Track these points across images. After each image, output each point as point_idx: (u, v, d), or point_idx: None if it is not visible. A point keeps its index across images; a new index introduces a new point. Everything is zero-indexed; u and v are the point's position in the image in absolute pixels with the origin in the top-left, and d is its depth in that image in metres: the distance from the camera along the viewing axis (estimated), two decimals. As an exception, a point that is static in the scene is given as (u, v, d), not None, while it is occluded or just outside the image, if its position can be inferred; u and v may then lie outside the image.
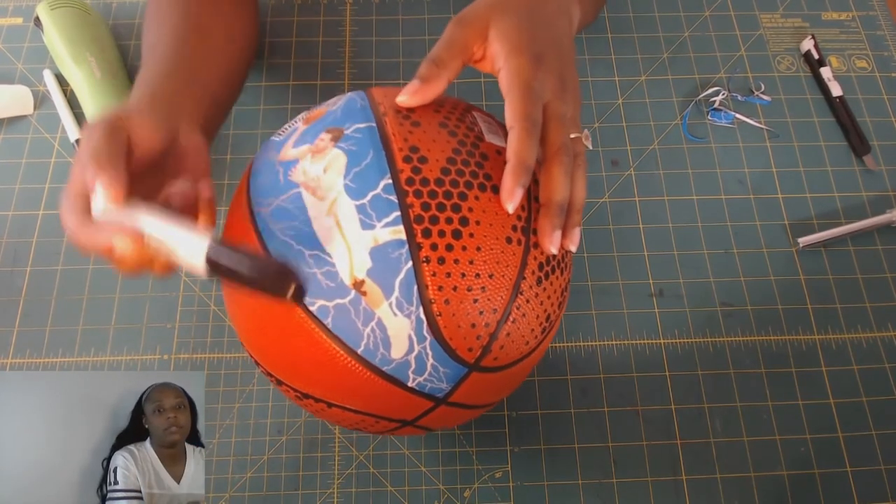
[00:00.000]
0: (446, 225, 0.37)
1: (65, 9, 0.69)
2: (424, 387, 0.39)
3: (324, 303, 0.37)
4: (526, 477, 0.57)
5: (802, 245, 0.65)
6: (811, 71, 0.74)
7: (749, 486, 0.57)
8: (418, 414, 0.42)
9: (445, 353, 0.38)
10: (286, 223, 0.38)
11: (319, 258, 0.37)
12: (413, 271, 0.37)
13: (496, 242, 0.38)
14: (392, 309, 0.37)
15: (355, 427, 0.44)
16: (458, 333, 0.38)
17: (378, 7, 0.77)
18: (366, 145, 0.39)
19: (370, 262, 0.37)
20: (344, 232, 0.37)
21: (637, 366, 0.61)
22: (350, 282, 0.37)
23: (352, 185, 0.38)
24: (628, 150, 0.70)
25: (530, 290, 0.40)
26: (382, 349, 0.37)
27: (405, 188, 0.38)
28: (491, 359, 0.40)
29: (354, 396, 0.40)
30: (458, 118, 0.42)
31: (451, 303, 0.37)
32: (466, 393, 0.41)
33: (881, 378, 0.61)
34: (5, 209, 0.66)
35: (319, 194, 0.38)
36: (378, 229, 0.37)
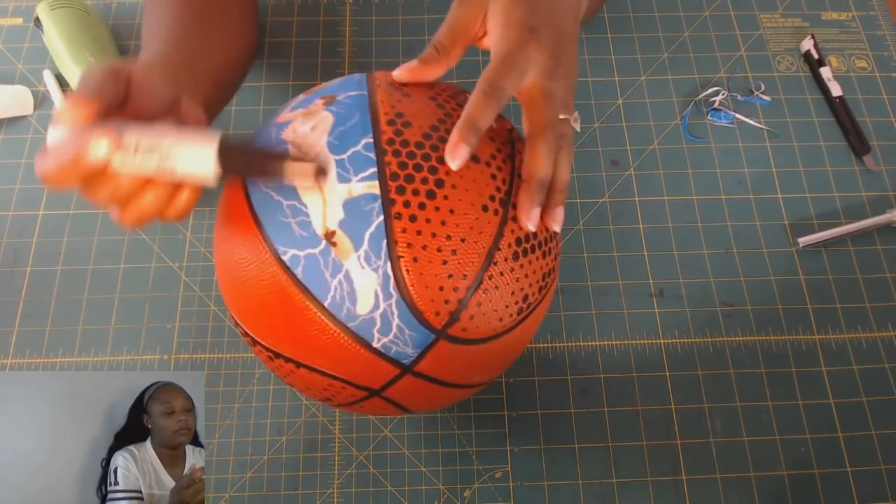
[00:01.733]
0: (421, 185, 0.38)
1: (65, 9, 0.69)
2: (389, 349, 0.39)
3: (296, 252, 0.38)
4: (526, 477, 0.57)
5: (802, 245, 0.65)
6: (811, 71, 0.74)
7: (749, 486, 0.57)
8: (384, 382, 0.41)
9: (411, 314, 0.38)
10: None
11: (295, 208, 0.38)
12: (384, 226, 0.37)
13: (471, 208, 0.39)
14: (360, 262, 0.37)
15: (324, 397, 0.44)
16: (426, 294, 0.38)
17: (378, 7, 0.77)
18: (353, 109, 0.40)
19: (343, 213, 0.37)
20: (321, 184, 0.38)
21: (637, 366, 0.61)
22: (322, 232, 0.38)
23: (335, 142, 0.39)
24: (628, 150, 0.70)
25: (505, 262, 0.40)
26: (348, 303, 0.38)
27: (385, 147, 0.38)
28: (459, 329, 0.39)
29: (321, 355, 0.40)
30: (449, 96, 0.43)
31: (419, 261, 0.37)
32: (434, 364, 0.40)
33: (881, 378, 0.61)
34: (5, 209, 0.66)
35: (304, 150, 0.39)
36: (353, 183, 0.38)
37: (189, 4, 0.57)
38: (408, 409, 0.46)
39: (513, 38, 0.42)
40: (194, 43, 0.54)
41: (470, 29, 0.44)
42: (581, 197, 0.67)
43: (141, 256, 0.64)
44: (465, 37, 0.44)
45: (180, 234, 0.65)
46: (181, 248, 0.65)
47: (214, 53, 0.56)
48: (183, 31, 0.55)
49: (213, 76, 0.54)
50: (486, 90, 0.40)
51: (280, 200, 0.39)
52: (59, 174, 0.34)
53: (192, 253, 0.64)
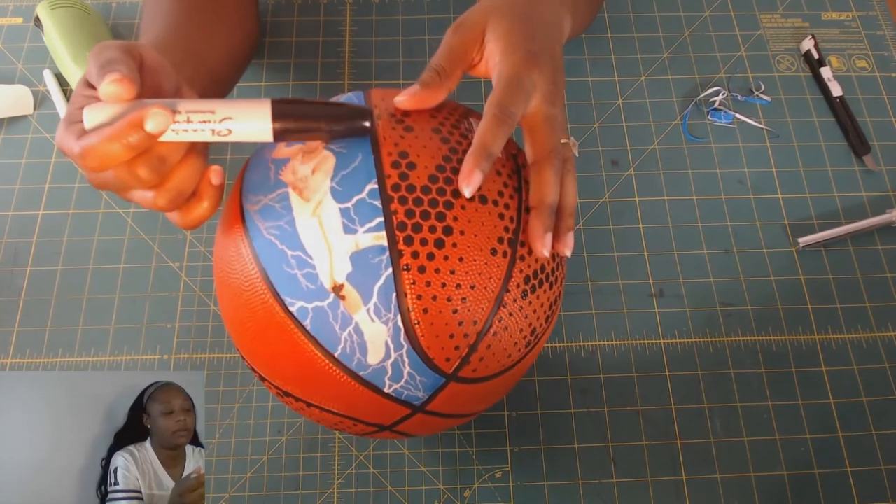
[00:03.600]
0: (429, 233, 0.37)
1: (65, 9, 0.69)
2: (401, 394, 0.39)
3: (303, 304, 0.37)
4: (526, 477, 0.57)
5: (802, 245, 0.65)
6: (811, 71, 0.74)
7: (749, 486, 0.57)
8: (395, 420, 0.42)
9: (422, 362, 0.38)
10: (272, 222, 0.39)
11: (301, 259, 0.37)
12: (392, 278, 0.37)
13: (480, 253, 0.38)
14: (370, 315, 0.37)
15: (335, 428, 0.45)
16: (436, 343, 0.38)
17: (378, 7, 0.77)
18: (355, 148, 0.39)
19: (350, 266, 0.37)
20: (326, 234, 0.37)
21: (637, 366, 0.61)
22: (329, 285, 0.37)
23: (338, 187, 0.38)
24: (628, 150, 0.70)
25: (514, 303, 0.39)
26: (359, 354, 0.37)
27: (390, 194, 0.37)
28: (469, 370, 0.39)
29: (331, 398, 0.40)
30: (452, 124, 0.41)
31: (429, 312, 0.37)
32: (444, 402, 0.41)
33: (881, 378, 0.61)
34: (5, 209, 0.66)
35: (306, 195, 0.38)
36: (360, 234, 0.37)
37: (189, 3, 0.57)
38: (413, 436, 0.46)
39: (517, 62, 0.41)
40: (193, 35, 0.54)
41: (468, 53, 0.44)
42: (581, 197, 0.67)
43: (141, 256, 0.64)
44: (464, 61, 0.44)
45: (180, 234, 0.65)
46: (181, 248, 0.65)
47: (213, 47, 0.56)
48: (181, 22, 0.54)
49: (211, 70, 0.54)
50: (497, 114, 0.39)
51: (284, 250, 0.38)
52: (107, 151, 0.34)
53: (192, 253, 0.64)
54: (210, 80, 0.53)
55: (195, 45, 0.53)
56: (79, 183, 0.67)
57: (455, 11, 0.77)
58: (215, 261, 0.44)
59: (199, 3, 0.58)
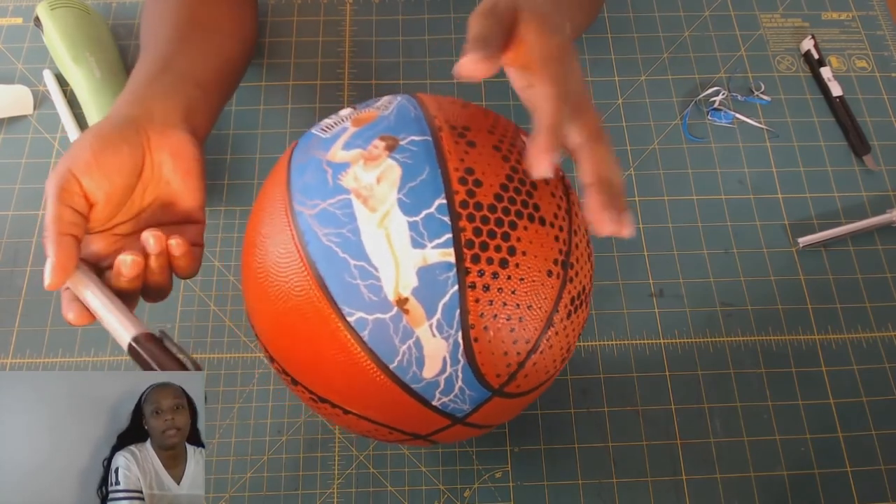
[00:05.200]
0: (495, 253, 0.37)
1: (65, 9, 0.69)
2: (447, 406, 0.39)
3: (363, 315, 0.37)
4: (526, 477, 0.57)
5: (802, 245, 0.65)
6: (811, 71, 0.74)
7: (749, 486, 0.57)
8: (433, 430, 0.42)
9: (475, 378, 0.38)
10: (332, 229, 0.38)
11: (364, 270, 0.37)
12: (458, 296, 0.37)
13: (538, 275, 0.38)
14: (432, 330, 0.37)
15: (364, 434, 0.44)
16: (491, 360, 0.38)
17: (378, 7, 0.77)
18: (422, 161, 0.38)
19: (416, 281, 0.36)
20: (394, 247, 0.37)
21: (637, 366, 0.61)
22: (394, 298, 0.36)
23: (406, 200, 0.37)
24: (628, 150, 0.70)
25: (560, 322, 0.40)
26: (415, 368, 0.37)
27: (459, 211, 0.37)
28: (514, 386, 0.40)
29: (375, 408, 0.40)
30: (510, 143, 0.41)
31: (489, 330, 0.37)
32: (484, 415, 0.41)
33: (881, 378, 0.61)
34: (5, 209, 0.66)
35: (371, 205, 0.37)
36: (428, 249, 0.36)
37: (187, 9, 0.57)
38: (439, 444, 0.47)
39: (560, 44, 0.40)
40: (191, 53, 0.54)
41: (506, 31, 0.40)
42: (581, 197, 0.67)
43: (141, 256, 0.64)
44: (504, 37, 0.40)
45: (180, 234, 0.65)
46: (181, 248, 0.64)
47: (212, 59, 0.56)
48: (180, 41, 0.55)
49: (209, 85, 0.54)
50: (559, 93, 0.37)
51: (347, 259, 0.37)
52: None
53: (192, 253, 0.64)
54: (203, 91, 0.53)
55: (189, 65, 0.53)
56: (79, 183, 0.67)
57: (455, 11, 0.77)
58: (249, 259, 0.42)
59: (194, 18, 0.57)
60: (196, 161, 0.48)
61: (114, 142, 0.44)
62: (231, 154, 0.69)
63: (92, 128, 0.45)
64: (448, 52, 0.74)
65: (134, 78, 0.51)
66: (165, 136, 0.46)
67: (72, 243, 0.41)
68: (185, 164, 0.47)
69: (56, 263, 0.40)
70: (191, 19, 0.57)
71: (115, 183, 0.44)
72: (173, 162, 0.47)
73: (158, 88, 0.49)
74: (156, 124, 0.46)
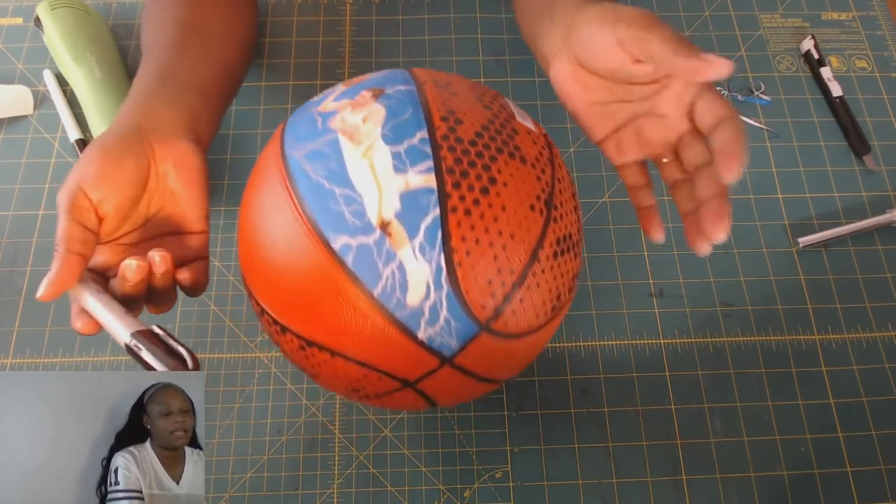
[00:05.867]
0: (476, 181, 0.39)
1: (65, 9, 0.69)
2: (434, 341, 0.39)
3: (347, 240, 0.38)
4: (526, 477, 0.57)
5: (802, 245, 0.65)
6: (811, 71, 0.74)
7: (749, 486, 0.57)
8: (422, 373, 0.41)
9: (459, 307, 0.38)
10: (320, 164, 0.40)
11: (349, 197, 0.38)
12: (440, 218, 0.38)
13: (520, 206, 0.39)
14: (414, 252, 0.37)
15: (354, 388, 0.44)
16: (475, 287, 0.38)
17: (378, 7, 0.77)
18: (405, 103, 0.41)
19: (399, 204, 0.38)
20: (377, 174, 0.38)
21: (637, 366, 0.61)
22: (377, 221, 0.38)
23: (389, 134, 0.39)
24: (628, 150, 0.70)
25: (547, 260, 0.41)
26: (399, 293, 0.38)
27: (440, 143, 0.39)
28: (501, 323, 0.40)
29: (362, 345, 0.40)
30: (491, 98, 0.44)
31: (471, 255, 0.38)
32: (472, 357, 0.41)
33: (881, 378, 0.61)
34: (5, 209, 0.66)
35: (356, 139, 0.39)
36: (410, 174, 0.38)
37: (186, 12, 0.57)
38: (434, 401, 0.46)
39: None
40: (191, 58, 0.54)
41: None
42: (581, 197, 0.67)
43: (141, 256, 0.64)
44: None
45: (180, 234, 0.65)
46: (181, 248, 0.64)
47: (213, 63, 0.56)
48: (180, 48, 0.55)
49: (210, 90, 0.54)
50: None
51: (332, 189, 0.39)
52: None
53: (192, 253, 0.64)
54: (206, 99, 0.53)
55: (191, 73, 0.53)
56: (79, 183, 0.67)
57: (455, 11, 0.77)
58: (243, 212, 0.44)
59: (193, 21, 0.57)
60: (200, 171, 0.48)
61: (119, 154, 0.44)
62: (231, 154, 0.69)
63: (96, 140, 0.46)
64: (448, 52, 0.74)
65: (136, 87, 0.51)
66: (169, 146, 0.47)
67: (77, 262, 0.42)
68: (188, 173, 0.47)
69: (55, 279, 0.41)
70: (190, 23, 0.57)
71: (124, 195, 0.44)
72: (177, 172, 0.47)
73: (161, 98, 0.50)
74: (159, 134, 0.47)
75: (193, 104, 0.51)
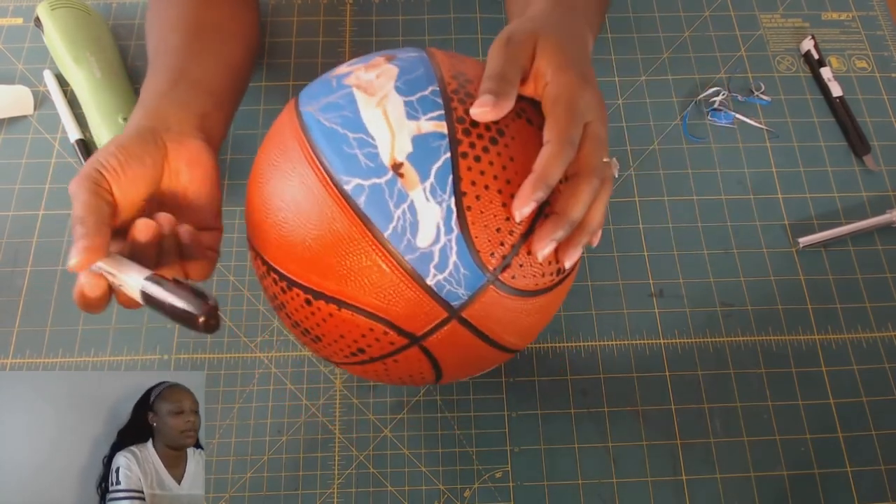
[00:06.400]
0: (485, 131, 0.40)
1: (65, 9, 0.69)
2: (442, 288, 0.39)
3: (360, 182, 0.39)
4: (526, 477, 0.57)
5: (802, 245, 0.65)
6: (811, 71, 0.74)
7: (749, 486, 0.57)
8: (430, 327, 0.41)
9: (468, 252, 0.39)
10: (334, 113, 0.41)
11: (363, 140, 0.39)
12: (450, 162, 0.39)
13: (528, 161, 0.40)
14: (425, 193, 0.38)
15: (357, 348, 0.43)
16: (484, 233, 0.39)
17: (378, 7, 0.77)
18: (417, 64, 0.43)
19: (411, 147, 0.39)
20: (390, 119, 0.40)
21: (637, 366, 0.61)
22: (389, 163, 0.39)
23: (402, 86, 0.41)
24: (628, 150, 0.70)
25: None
26: (409, 234, 0.38)
27: (451, 95, 0.41)
28: (509, 276, 0.40)
29: (370, 291, 0.40)
30: None
31: (481, 199, 0.39)
32: (479, 311, 0.41)
33: (881, 378, 0.61)
34: (5, 209, 0.66)
35: (371, 91, 0.41)
36: (422, 121, 0.40)
37: (192, 14, 0.58)
38: (440, 367, 0.45)
39: (572, 83, 0.42)
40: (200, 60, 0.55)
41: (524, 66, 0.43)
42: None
43: (141, 256, 0.64)
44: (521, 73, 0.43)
45: (180, 234, 0.65)
46: (181, 248, 0.64)
47: (222, 65, 0.57)
48: (188, 49, 0.55)
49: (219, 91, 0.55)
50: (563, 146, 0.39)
51: (346, 133, 0.40)
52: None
53: (193, 253, 0.64)
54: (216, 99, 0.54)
55: (201, 74, 0.54)
56: (79, 183, 0.67)
57: (455, 11, 0.77)
58: (253, 172, 0.45)
59: (200, 22, 0.58)
60: (212, 168, 0.48)
61: (137, 152, 0.44)
62: (231, 154, 0.69)
63: (114, 140, 0.46)
64: (448, 52, 0.75)
65: (147, 89, 0.52)
66: (182, 145, 0.47)
67: (107, 232, 0.41)
68: (201, 171, 0.47)
69: (90, 246, 0.39)
70: (198, 25, 0.57)
71: (140, 192, 0.44)
72: (189, 171, 0.47)
73: (173, 99, 0.50)
74: (172, 133, 0.47)
75: (204, 103, 0.51)
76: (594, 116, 0.42)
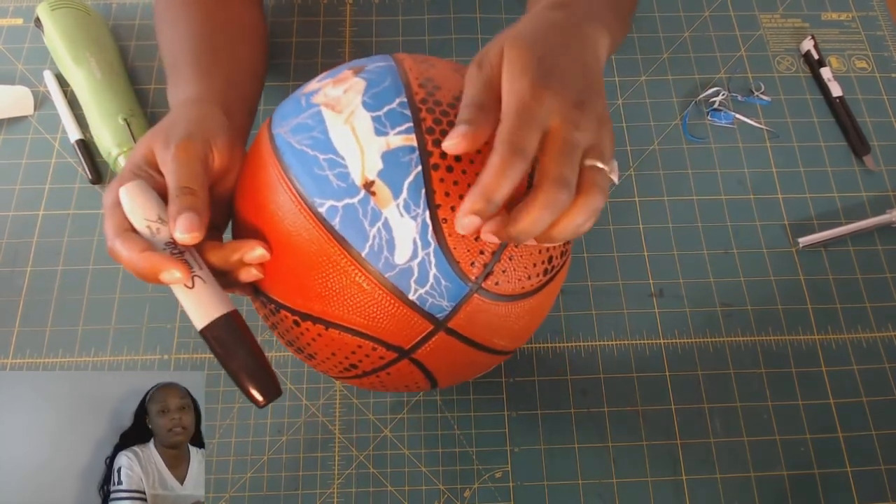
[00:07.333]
0: None
1: (65, 9, 0.69)
2: (425, 301, 0.39)
3: (333, 203, 0.39)
4: (526, 477, 0.57)
5: (802, 245, 0.65)
6: (811, 71, 0.74)
7: (749, 486, 0.57)
8: (417, 340, 0.41)
9: (448, 264, 0.39)
10: (304, 135, 0.40)
11: (333, 161, 0.39)
12: (422, 175, 0.38)
13: None
14: (399, 210, 0.38)
15: (349, 364, 0.43)
16: (462, 244, 0.39)
17: (378, 7, 0.77)
18: (384, 75, 0.42)
19: (381, 164, 0.38)
20: (358, 136, 0.39)
21: (637, 366, 0.61)
22: (361, 182, 0.38)
23: (369, 101, 0.40)
24: (628, 150, 0.70)
25: None
26: (387, 252, 0.38)
27: (419, 106, 0.40)
28: (492, 282, 0.40)
29: (354, 310, 0.40)
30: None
31: (456, 210, 0.38)
32: (466, 320, 0.41)
33: (881, 378, 0.61)
34: (5, 209, 0.66)
35: (338, 109, 0.40)
36: (391, 136, 0.39)
37: (205, 13, 0.58)
38: (434, 376, 0.45)
39: (523, 89, 0.37)
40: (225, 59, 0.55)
41: (498, 88, 0.39)
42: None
43: (141, 256, 0.64)
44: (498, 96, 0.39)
45: (180, 235, 0.65)
46: (181, 248, 0.65)
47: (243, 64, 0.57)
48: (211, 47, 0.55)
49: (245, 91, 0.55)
50: (504, 153, 0.35)
51: (316, 155, 0.39)
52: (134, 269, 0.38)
53: (193, 253, 0.64)
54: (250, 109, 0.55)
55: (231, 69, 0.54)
56: (79, 183, 0.67)
57: (455, 11, 0.77)
58: (235, 197, 0.45)
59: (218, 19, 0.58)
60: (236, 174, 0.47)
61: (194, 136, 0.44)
62: (231, 154, 0.69)
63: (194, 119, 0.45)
64: (448, 52, 0.75)
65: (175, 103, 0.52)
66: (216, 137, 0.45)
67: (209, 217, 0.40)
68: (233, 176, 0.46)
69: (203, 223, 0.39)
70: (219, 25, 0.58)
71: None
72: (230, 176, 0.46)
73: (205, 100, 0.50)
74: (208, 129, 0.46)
75: (229, 100, 0.52)
76: (561, 119, 0.37)
